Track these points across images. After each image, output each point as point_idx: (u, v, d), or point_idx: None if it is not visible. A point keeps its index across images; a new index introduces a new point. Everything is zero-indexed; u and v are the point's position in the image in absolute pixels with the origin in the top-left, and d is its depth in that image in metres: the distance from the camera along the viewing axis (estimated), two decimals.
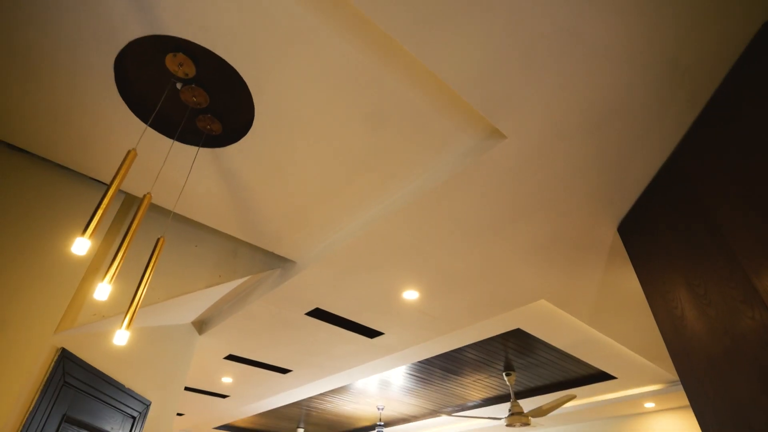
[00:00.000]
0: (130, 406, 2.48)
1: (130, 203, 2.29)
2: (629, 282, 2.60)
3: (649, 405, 4.83)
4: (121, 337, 1.24)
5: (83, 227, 2.03)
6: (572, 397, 3.72)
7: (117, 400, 2.36)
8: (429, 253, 2.36)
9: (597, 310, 2.90)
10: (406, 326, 3.16)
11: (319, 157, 1.95)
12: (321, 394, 5.21)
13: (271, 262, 2.75)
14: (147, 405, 2.64)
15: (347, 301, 2.84)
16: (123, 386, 2.42)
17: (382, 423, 5.65)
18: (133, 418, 2.52)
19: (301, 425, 6.76)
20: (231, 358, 3.86)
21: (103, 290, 1.15)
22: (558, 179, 1.91)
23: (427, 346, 3.55)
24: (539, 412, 4.07)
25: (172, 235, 2.40)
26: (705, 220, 1.57)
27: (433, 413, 5.78)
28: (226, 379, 4.40)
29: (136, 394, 2.54)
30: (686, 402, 4.71)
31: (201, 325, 3.42)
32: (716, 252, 1.50)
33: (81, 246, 1.07)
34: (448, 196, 1.98)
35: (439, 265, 2.46)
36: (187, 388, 4.70)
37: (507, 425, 4.19)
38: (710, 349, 1.52)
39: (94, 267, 2.04)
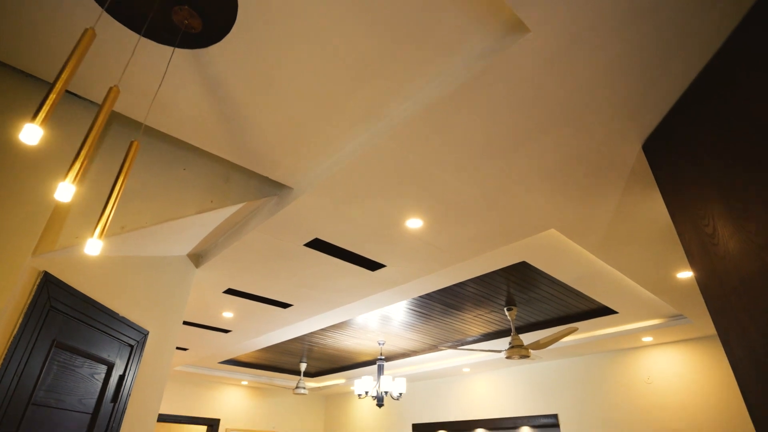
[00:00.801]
0: (127, 334, 2.42)
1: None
2: (647, 208, 2.45)
3: (647, 339, 4.89)
4: (93, 246, 1.10)
5: (55, 144, 1.84)
6: (574, 330, 3.72)
7: (111, 328, 2.29)
8: (435, 176, 2.19)
9: (608, 241, 2.78)
10: (408, 258, 3.06)
11: (313, 60, 1.72)
12: (322, 330, 5.26)
13: (267, 189, 2.59)
14: (144, 334, 2.59)
15: (347, 230, 2.72)
16: (117, 314, 2.35)
17: (383, 357, 5.77)
18: (131, 346, 2.47)
19: (304, 360, 6.94)
20: (230, 292, 3.81)
21: (64, 190, 0.99)
22: (582, 86, 1.70)
23: (429, 280, 3.48)
24: (540, 345, 4.09)
25: (157, 157, 2.21)
26: (750, 124, 1.39)
27: (433, 348, 5.89)
28: (227, 314, 4.40)
29: (132, 322, 2.47)
30: (683, 336, 4.76)
31: (197, 258, 3.32)
32: (762, 157, 1.33)
33: (30, 134, 0.90)
34: (458, 108, 1.78)
35: (446, 190, 2.30)
36: (188, 323, 4.72)
37: (506, 357, 4.24)
38: (744, 267, 1.39)
39: None
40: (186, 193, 2.26)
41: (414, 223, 2.62)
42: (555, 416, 5.64)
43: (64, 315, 1.98)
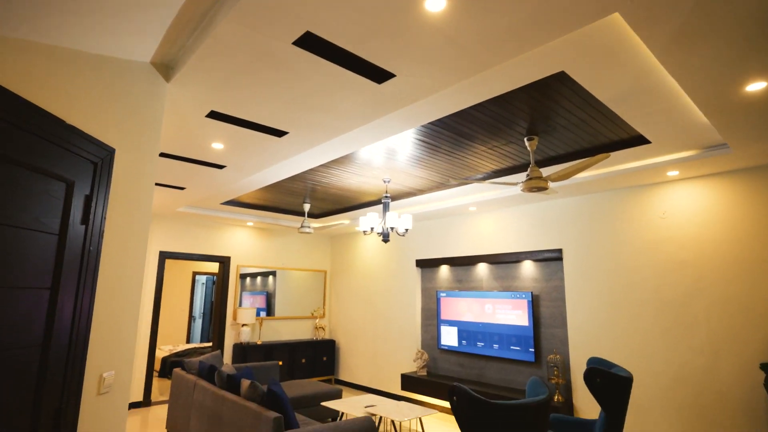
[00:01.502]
0: (85, 148, 2.00)
1: None
2: None
3: (673, 173, 4.55)
4: None
5: None
6: (606, 157, 3.32)
7: (60, 138, 1.86)
8: None
9: (682, 32, 2.16)
10: (424, 63, 2.48)
11: None
12: (323, 166, 4.92)
13: None
14: (110, 152, 2.18)
15: (347, 18, 2.08)
16: (63, 121, 1.89)
17: (389, 195, 5.56)
18: (94, 164, 2.08)
19: (307, 201, 6.81)
20: (214, 116, 3.31)
21: None
22: None
23: (444, 100, 2.94)
24: (560, 176, 3.76)
25: None
26: None
27: (441, 186, 5.64)
28: (217, 145, 3.97)
29: (88, 134, 2.03)
30: (713, 170, 4.41)
31: (166, 69, 2.74)
32: None
33: None
34: None
35: None
36: (175, 157, 4.34)
37: (522, 190, 3.96)
38: None
39: None
40: None
41: (434, 5, 1.97)
42: (559, 251, 5.68)
43: None
